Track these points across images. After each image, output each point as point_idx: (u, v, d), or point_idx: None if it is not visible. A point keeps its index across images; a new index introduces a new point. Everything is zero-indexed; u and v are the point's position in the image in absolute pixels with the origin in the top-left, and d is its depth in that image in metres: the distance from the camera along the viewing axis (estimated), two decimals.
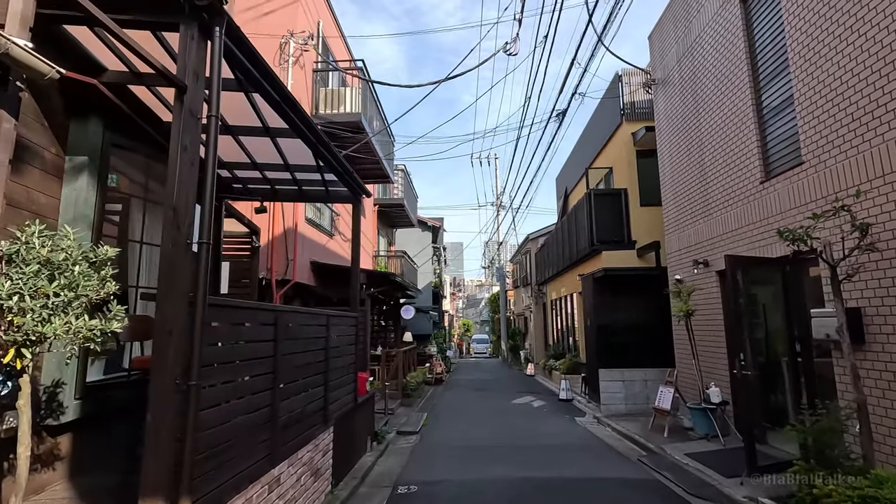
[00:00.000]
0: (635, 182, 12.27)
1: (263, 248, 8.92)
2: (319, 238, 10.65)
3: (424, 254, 21.78)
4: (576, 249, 13.98)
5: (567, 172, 19.02)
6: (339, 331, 5.55)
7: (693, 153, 7.84)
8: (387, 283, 10.32)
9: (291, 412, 3.98)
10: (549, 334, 19.45)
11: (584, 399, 11.69)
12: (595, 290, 10.87)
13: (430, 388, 14.49)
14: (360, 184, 6.27)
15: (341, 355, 5.61)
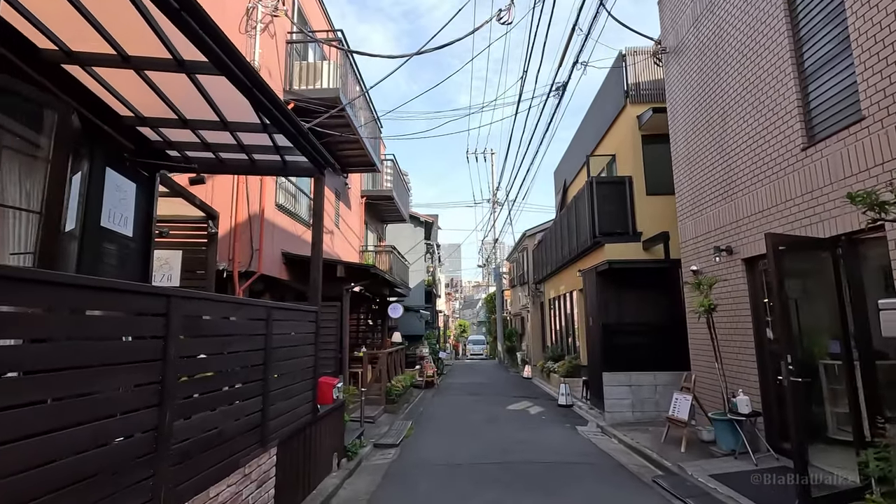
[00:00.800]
0: (641, 169, 11.23)
1: (224, 236, 7.85)
2: (294, 228, 9.58)
3: (417, 251, 20.71)
4: (576, 243, 12.94)
5: (565, 165, 17.99)
6: (287, 328, 4.48)
7: (713, 126, 6.79)
8: (368, 277, 9.25)
9: (197, 436, 2.91)
10: (548, 335, 18.39)
11: (586, 405, 10.62)
12: (598, 286, 9.81)
13: (420, 393, 13.40)
14: (323, 153, 5.21)
15: (292, 357, 4.54)
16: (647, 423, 8.17)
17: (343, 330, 9.12)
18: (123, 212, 4.58)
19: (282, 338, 4.30)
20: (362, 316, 14.63)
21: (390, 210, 16.93)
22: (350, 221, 13.86)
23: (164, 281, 6.86)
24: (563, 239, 14.55)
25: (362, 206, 14.98)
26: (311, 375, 5.03)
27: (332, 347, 7.17)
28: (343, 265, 8.95)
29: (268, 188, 8.28)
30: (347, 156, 12.06)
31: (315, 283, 5.30)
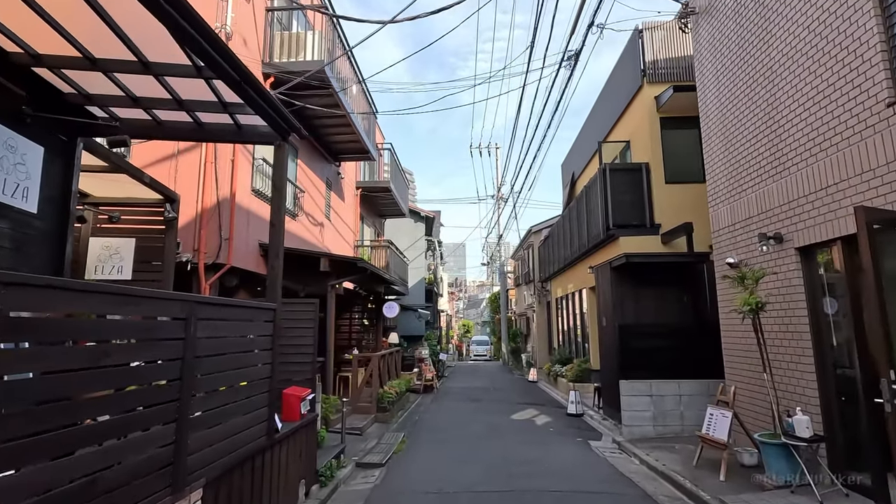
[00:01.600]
0: (659, 155, 10.15)
1: (189, 223, 6.84)
2: None
3: (417, 247, 19.68)
4: (586, 237, 11.85)
5: (573, 157, 16.90)
6: (226, 330, 3.45)
7: (757, 91, 5.70)
8: (356, 271, 8.22)
9: (50, 488, 1.88)
10: (554, 336, 17.30)
11: (598, 415, 9.53)
12: (613, 283, 8.72)
13: (417, 399, 12.35)
14: (285, 114, 4.17)
15: (233, 368, 3.50)
16: (671, 440, 7.08)
17: (327, 331, 8.09)
18: (21, 180, 3.57)
19: (215, 343, 3.27)
20: (356, 316, 13.60)
21: (388, 204, 15.91)
22: (344, 214, 12.84)
23: (113, 273, 5.87)
24: (572, 234, 13.47)
25: (357, 198, 13.95)
26: (265, 388, 3.99)
27: (309, 352, 6.14)
28: (328, 258, 7.93)
29: (241, 170, 7.26)
30: (338, 142, 11.04)
31: (274, 275, 4.27)
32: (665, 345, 8.04)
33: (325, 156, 11.24)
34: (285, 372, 6.15)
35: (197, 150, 6.96)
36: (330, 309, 8.09)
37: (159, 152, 6.91)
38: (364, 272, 8.19)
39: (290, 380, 6.14)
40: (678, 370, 7.75)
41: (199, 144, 6.97)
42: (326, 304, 8.11)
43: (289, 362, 6.13)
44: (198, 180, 6.88)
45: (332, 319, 8.12)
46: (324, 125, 10.14)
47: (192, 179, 6.89)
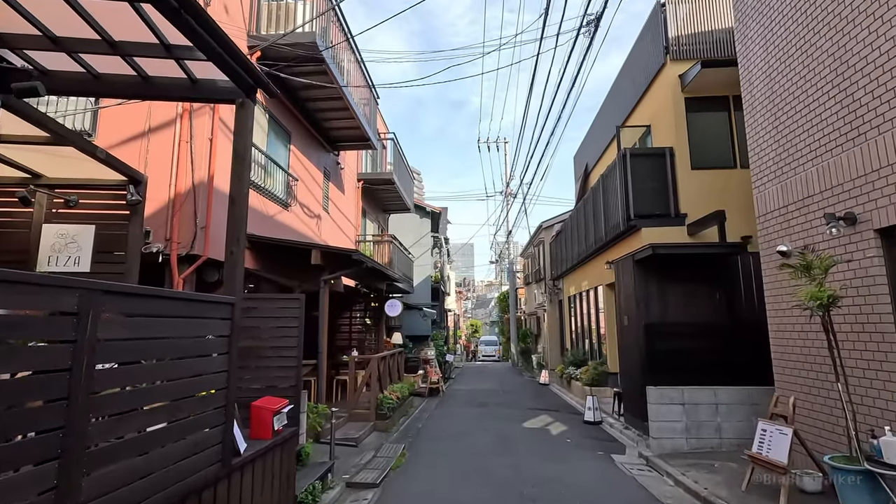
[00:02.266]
0: (684, 139, 9.22)
1: (160, 210, 6.06)
2: (264, 206, 7.76)
3: (423, 244, 18.83)
4: (603, 231, 10.93)
5: (587, 148, 15.97)
6: (157, 329, 2.62)
7: (819, 47, 4.76)
8: (351, 265, 7.38)
9: None
10: (567, 336, 16.37)
11: (619, 423, 8.61)
12: (637, 278, 7.81)
13: (421, 403, 11.49)
14: (247, 63, 3.35)
15: (173, 378, 2.68)
16: (707, 456, 6.15)
17: (319, 331, 7.26)
18: None
19: (136, 347, 2.44)
20: (357, 315, 12.80)
21: (392, 198, 15.08)
22: (344, 207, 12.03)
23: (69, 264, 5.10)
24: (587, 228, 12.55)
25: (358, 191, 13.14)
26: (220, 402, 3.16)
27: (293, 354, 5.31)
28: (319, 250, 7.10)
29: (222, 151, 6.45)
30: (336, 128, 10.23)
31: (233, 262, 3.44)
32: (697, 347, 7.12)
33: (322, 144, 10.44)
34: (264, 378, 5.34)
35: (170, 128, 6.17)
36: (323, 306, 7.27)
37: (127, 129, 6.14)
38: (360, 265, 7.36)
39: (274, 387, 5.33)
40: (713, 375, 6.81)
41: (172, 121, 6.18)
42: (319, 300, 7.29)
43: (269, 367, 5.31)
44: (171, 162, 6.09)
45: (325, 318, 7.29)
46: (319, 109, 9.33)
47: (165, 161, 6.11)
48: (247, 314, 5.41)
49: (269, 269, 7.79)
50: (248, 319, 5.45)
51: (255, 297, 5.39)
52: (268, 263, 7.70)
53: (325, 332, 7.32)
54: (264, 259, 7.60)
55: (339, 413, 8.27)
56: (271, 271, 7.89)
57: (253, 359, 5.38)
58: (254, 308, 5.43)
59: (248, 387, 5.29)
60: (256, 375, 5.34)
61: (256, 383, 5.30)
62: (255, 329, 5.42)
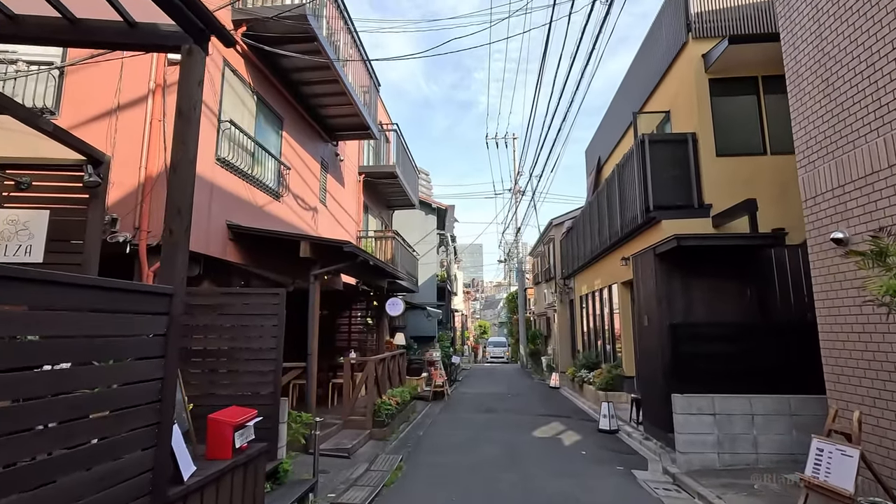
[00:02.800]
0: (708, 123, 8.45)
1: (129, 196, 5.44)
2: (250, 195, 7.13)
3: (428, 241, 18.15)
4: (618, 225, 10.17)
5: (599, 141, 15.20)
6: (50, 325, 1.96)
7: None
8: (344, 258, 6.72)
9: None
10: (578, 338, 15.58)
11: (638, 433, 7.84)
12: (660, 274, 7.06)
13: (425, 408, 10.80)
14: (195, 1, 2.68)
15: (64, 392, 2.01)
16: (744, 474, 5.38)
17: (309, 330, 6.61)
18: None
19: (18, 350, 1.78)
20: (358, 314, 12.15)
21: (395, 193, 14.41)
22: (344, 201, 11.39)
23: (20, 254, 4.52)
24: (600, 223, 11.78)
25: (360, 185, 12.50)
26: (151, 418, 2.48)
27: (270, 357, 4.66)
28: (308, 242, 6.44)
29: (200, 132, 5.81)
30: (334, 115, 9.59)
31: (173, 242, 2.76)
32: (727, 350, 6.35)
33: (319, 133, 9.80)
34: (239, 385, 4.69)
35: (141, 105, 5.56)
36: (314, 303, 6.61)
37: (94, 107, 5.53)
38: (353, 259, 6.69)
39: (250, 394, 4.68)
40: (747, 382, 6.04)
41: (143, 98, 5.56)
42: (309, 297, 6.63)
43: (243, 371, 4.67)
44: (142, 142, 5.47)
45: (315, 316, 6.63)
46: (314, 94, 8.69)
47: (135, 141, 5.49)
48: (216, 311, 4.77)
49: (257, 263, 7.16)
50: (220, 317, 4.81)
51: (227, 292, 4.75)
52: (256, 258, 7.07)
53: (316, 332, 6.66)
54: (252, 253, 6.97)
55: (333, 420, 7.61)
56: (261, 266, 7.26)
57: (225, 362, 4.73)
58: (226, 304, 4.78)
59: (219, 393, 4.65)
60: (229, 381, 4.70)
61: (228, 390, 4.66)
62: (224, 328, 4.77)
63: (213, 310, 4.70)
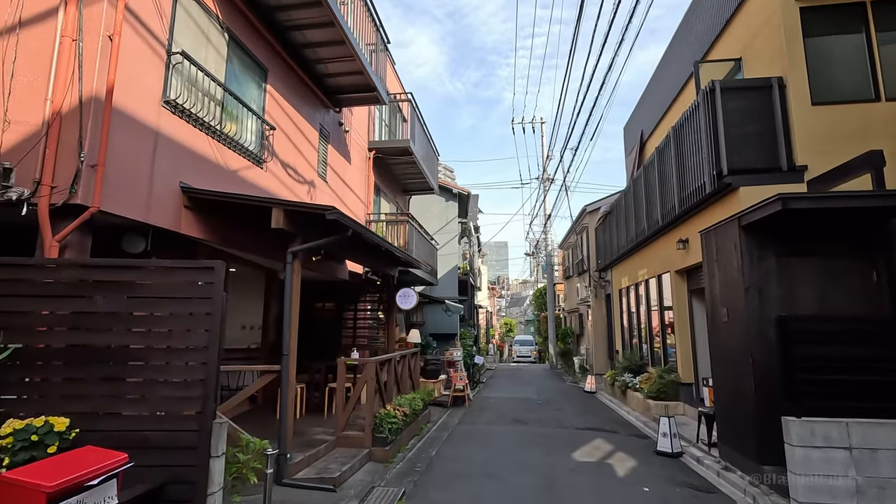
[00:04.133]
0: (801, 65, 6.61)
1: (30, 139, 3.98)
2: (219, 154, 5.65)
3: (449, 231, 16.50)
4: (674, 200, 8.29)
5: (641, 115, 13.25)
6: None
7: None
8: (332, 230, 5.12)
9: None
10: (617, 336, 13.67)
11: (711, 458, 6.01)
12: (749, 251, 5.24)
13: (442, 416, 9.18)
14: None
15: None
16: None
17: (286, 324, 5.05)
18: None
19: None
20: (368, 309, 10.62)
21: (411, 175, 12.84)
22: (350, 179, 9.88)
23: None
24: (647, 202, 9.90)
25: (370, 162, 10.96)
26: None
27: (200, 361, 3.12)
28: (282, 208, 4.88)
29: (128, 55, 4.32)
30: (334, 74, 8.07)
31: None
32: (856, 355, 4.48)
33: (317, 95, 8.29)
34: (148, 402, 3.15)
35: (50, 20, 4.10)
36: (292, 290, 5.05)
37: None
38: (341, 231, 5.10)
39: (162, 415, 3.16)
40: (888, 402, 4.18)
41: (53, 10, 4.10)
42: (286, 281, 5.08)
43: (156, 381, 3.14)
44: (49, 69, 4.02)
45: (294, 305, 5.08)
46: (308, 44, 7.19)
47: (40, 67, 4.04)
48: (122, 291, 3.25)
49: (231, 241, 5.66)
50: (129, 301, 3.29)
51: (134, 265, 3.23)
52: (228, 234, 5.57)
53: (294, 327, 5.11)
54: (222, 227, 5.47)
55: (324, 435, 6.07)
56: (235, 244, 5.77)
57: (134, 368, 3.21)
58: (134, 283, 3.26)
59: (123, 413, 3.12)
60: (139, 395, 3.17)
61: (135, 408, 3.12)
62: (133, 317, 3.25)
63: (117, 289, 3.18)
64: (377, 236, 6.09)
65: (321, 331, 10.03)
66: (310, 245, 5.09)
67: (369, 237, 5.65)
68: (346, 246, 6.42)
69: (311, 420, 7.02)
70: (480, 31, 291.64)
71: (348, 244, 6.37)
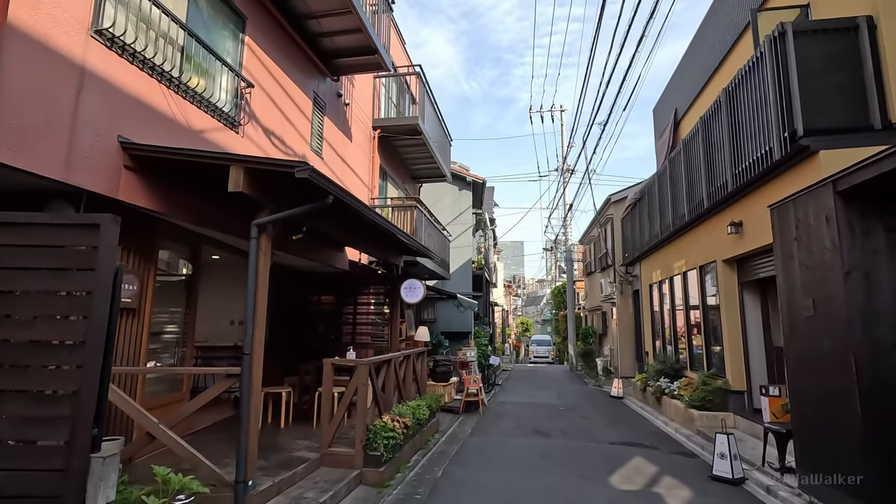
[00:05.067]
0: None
1: None
2: (177, 109, 4.60)
3: (462, 222, 15.34)
4: (726, 176, 7.00)
5: (674, 92, 11.90)
6: None
7: None
8: (307, 194, 4.02)
9: None
10: (647, 336, 12.34)
11: (787, 486, 4.74)
12: (849, 225, 3.97)
13: (452, 424, 8.04)
14: None
15: None
16: None
17: (248, 319, 3.95)
18: None
19: None
20: (371, 303, 9.52)
21: (421, 159, 11.73)
22: (351, 158, 8.81)
23: None
24: (688, 183, 8.61)
25: (374, 142, 9.88)
26: None
27: (73, 363, 2.03)
28: (242, 166, 3.78)
29: None
30: (329, 33, 7.00)
31: None
32: None
33: (310, 57, 7.23)
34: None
35: None
36: (257, 271, 3.96)
37: None
38: (322, 198, 3.99)
39: (12, 445, 2.06)
40: None
41: None
42: (249, 262, 3.98)
43: (7, 391, 2.03)
44: None
45: (261, 293, 3.99)
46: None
47: None
48: None
49: (182, 211, 4.60)
50: None
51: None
52: (179, 202, 4.51)
53: (261, 321, 4.02)
54: (170, 193, 4.41)
55: (307, 452, 4.97)
56: (188, 216, 4.70)
57: None
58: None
59: None
60: None
61: None
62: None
63: None
64: (371, 210, 4.97)
65: (318, 327, 8.98)
66: (279, 216, 3.99)
67: (359, 208, 4.53)
68: (337, 222, 5.32)
69: (298, 430, 5.95)
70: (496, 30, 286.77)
71: (339, 220, 5.27)
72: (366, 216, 4.81)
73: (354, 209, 4.51)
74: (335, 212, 4.61)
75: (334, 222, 5.28)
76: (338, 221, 5.32)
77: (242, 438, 3.69)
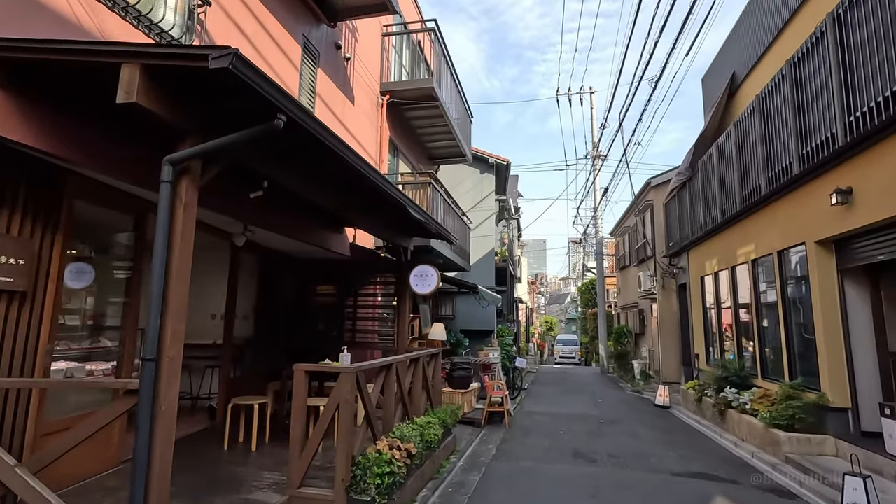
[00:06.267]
0: None
1: None
2: (98, 24, 3.23)
3: (483, 209, 13.81)
4: (835, 126, 5.30)
5: (730, 55, 10.11)
6: None
7: None
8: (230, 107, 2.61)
9: None
10: (698, 337, 10.59)
11: None
12: None
13: (472, 443, 6.55)
14: None
15: None
16: None
17: (153, 307, 2.54)
18: None
19: None
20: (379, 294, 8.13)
21: (437, 134, 10.28)
22: (354, 125, 7.43)
23: None
24: (765, 148, 6.89)
25: (382, 109, 8.48)
26: None
27: None
28: (138, 63, 2.37)
29: None
30: None
31: None
32: None
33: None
34: None
35: None
36: (170, 233, 2.57)
37: None
38: (270, 116, 2.54)
39: None
40: None
41: None
42: (161, 215, 2.58)
43: None
44: None
45: (175, 268, 2.59)
46: None
47: None
48: None
49: (73, 147, 3.22)
50: None
51: None
52: (72, 134, 3.14)
53: (175, 311, 2.62)
54: (65, 125, 3.06)
55: (271, 492, 3.57)
56: (79, 154, 3.32)
57: None
58: None
59: None
60: None
61: None
62: None
63: None
64: (360, 158, 3.51)
65: (317, 323, 7.63)
66: (204, 147, 2.57)
67: (337, 148, 3.08)
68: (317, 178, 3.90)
69: (272, 454, 4.56)
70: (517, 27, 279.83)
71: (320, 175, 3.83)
72: (349, 161, 3.35)
73: (330, 148, 3.07)
74: (305, 152, 3.19)
75: (312, 177, 3.87)
76: (317, 176, 3.90)
77: (136, 481, 2.29)
